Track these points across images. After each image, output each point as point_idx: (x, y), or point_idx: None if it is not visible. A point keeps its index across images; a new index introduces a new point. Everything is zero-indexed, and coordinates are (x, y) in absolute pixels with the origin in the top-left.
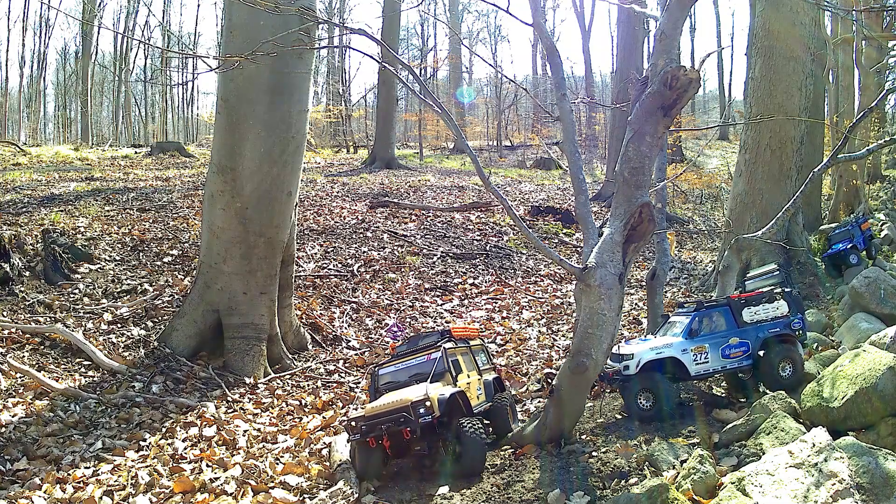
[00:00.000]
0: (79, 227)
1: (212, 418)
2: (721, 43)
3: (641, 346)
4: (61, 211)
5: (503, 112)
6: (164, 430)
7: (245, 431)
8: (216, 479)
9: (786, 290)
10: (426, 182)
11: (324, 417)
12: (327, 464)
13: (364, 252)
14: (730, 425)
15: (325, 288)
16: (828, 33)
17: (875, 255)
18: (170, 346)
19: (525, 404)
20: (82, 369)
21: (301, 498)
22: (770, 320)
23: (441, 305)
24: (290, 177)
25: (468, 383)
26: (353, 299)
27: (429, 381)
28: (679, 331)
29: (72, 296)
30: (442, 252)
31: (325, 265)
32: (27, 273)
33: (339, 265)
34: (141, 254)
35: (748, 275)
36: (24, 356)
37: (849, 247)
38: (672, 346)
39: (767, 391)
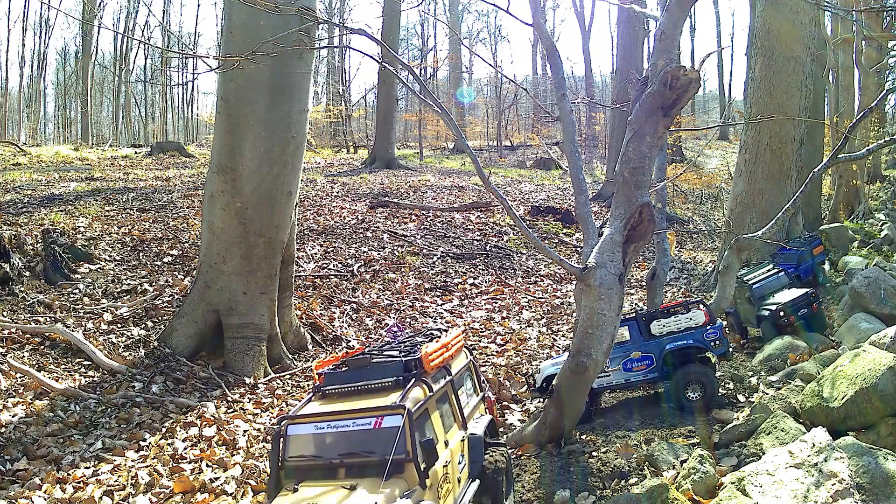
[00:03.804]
0: (79, 227)
1: (212, 418)
2: (721, 43)
3: (548, 361)
4: (61, 211)
5: (503, 112)
6: (164, 430)
7: (245, 431)
8: (216, 479)
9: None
10: (426, 182)
11: None
12: None
13: (364, 252)
14: (730, 425)
15: (325, 288)
16: (828, 33)
17: (824, 283)
18: (170, 346)
19: (525, 404)
20: (82, 369)
21: None
22: (680, 332)
23: (441, 305)
24: (290, 177)
25: (445, 464)
26: (353, 299)
27: (383, 477)
28: None
29: (72, 296)
30: (442, 252)
31: (325, 265)
32: (27, 273)
33: (339, 265)
34: (141, 254)
35: (752, 276)
36: (24, 356)
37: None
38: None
39: (766, 392)
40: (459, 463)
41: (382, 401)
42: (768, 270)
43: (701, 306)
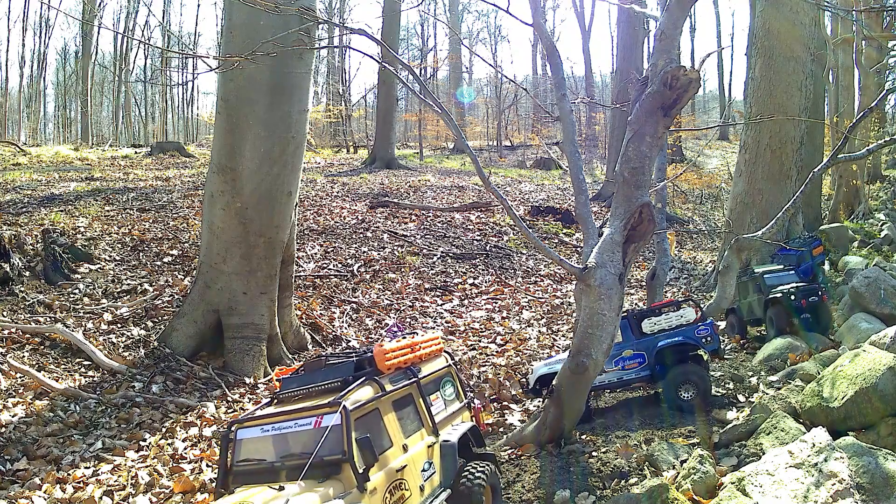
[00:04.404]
0: (79, 227)
1: (212, 418)
2: (721, 43)
3: (540, 362)
4: (61, 211)
5: (503, 112)
6: (164, 430)
7: None
8: (216, 479)
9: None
10: (426, 182)
11: None
12: None
13: (364, 252)
14: (730, 425)
15: (325, 288)
16: (828, 33)
17: (823, 284)
18: (170, 346)
19: (525, 404)
20: (82, 369)
21: None
22: (671, 329)
23: (441, 305)
24: (290, 177)
25: (400, 468)
26: (353, 299)
27: (299, 478)
28: None
29: (72, 296)
30: (442, 252)
31: (325, 265)
32: (27, 273)
33: (339, 265)
34: (141, 254)
35: (764, 269)
36: (24, 356)
37: None
38: (565, 360)
39: (766, 392)
40: (425, 470)
41: (324, 406)
42: (781, 268)
43: (690, 303)
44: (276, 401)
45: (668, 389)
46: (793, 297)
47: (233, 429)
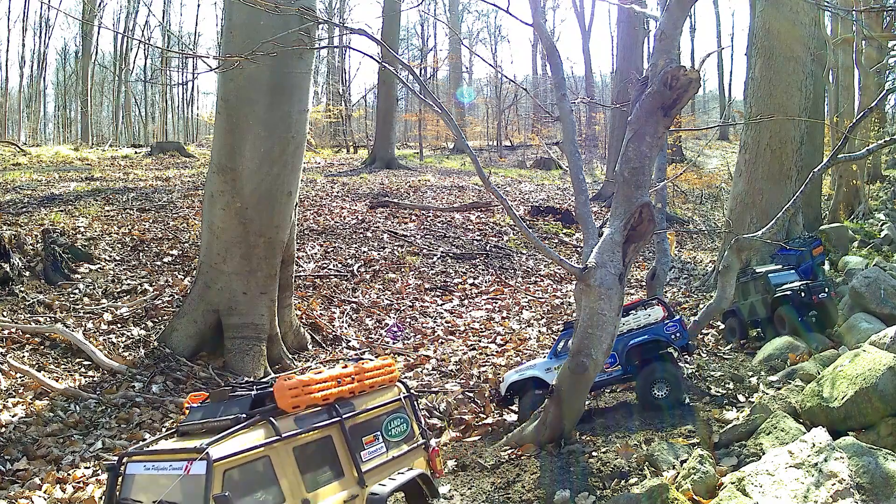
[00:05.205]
0: (79, 227)
1: None
2: (721, 43)
3: (511, 370)
4: (61, 211)
5: (503, 112)
6: (164, 430)
7: None
8: None
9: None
10: (426, 182)
11: None
12: None
13: (364, 252)
14: (730, 425)
15: (325, 288)
16: (828, 33)
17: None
18: (170, 346)
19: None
20: (82, 369)
21: None
22: (640, 328)
23: (441, 305)
24: (290, 177)
25: None
26: (353, 299)
27: None
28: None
29: (72, 296)
30: (442, 252)
31: (325, 265)
32: (27, 273)
33: (339, 265)
34: (141, 254)
35: (766, 269)
36: (24, 356)
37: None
38: (535, 367)
39: (766, 392)
40: None
41: (205, 443)
42: (780, 268)
43: (658, 302)
44: (178, 432)
45: (641, 388)
46: (803, 295)
47: (123, 461)
